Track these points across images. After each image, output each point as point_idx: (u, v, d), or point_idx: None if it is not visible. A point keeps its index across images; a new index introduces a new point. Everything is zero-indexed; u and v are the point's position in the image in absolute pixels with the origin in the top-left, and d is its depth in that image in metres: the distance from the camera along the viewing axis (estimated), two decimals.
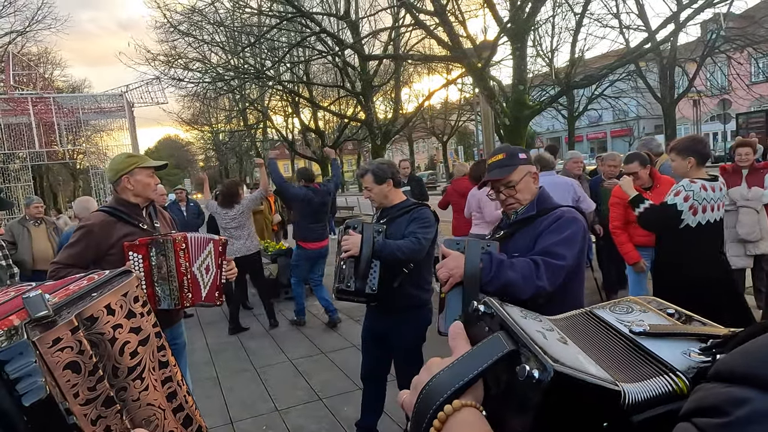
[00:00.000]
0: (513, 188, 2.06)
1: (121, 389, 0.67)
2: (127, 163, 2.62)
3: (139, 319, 0.73)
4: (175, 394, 0.77)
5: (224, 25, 14.36)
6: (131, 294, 0.74)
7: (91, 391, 0.61)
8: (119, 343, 0.69)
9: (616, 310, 0.84)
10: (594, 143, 37.03)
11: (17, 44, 20.30)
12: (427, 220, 2.77)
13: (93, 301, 0.68)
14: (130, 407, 0.68)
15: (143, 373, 0.71)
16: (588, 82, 11.39)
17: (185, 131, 33.61)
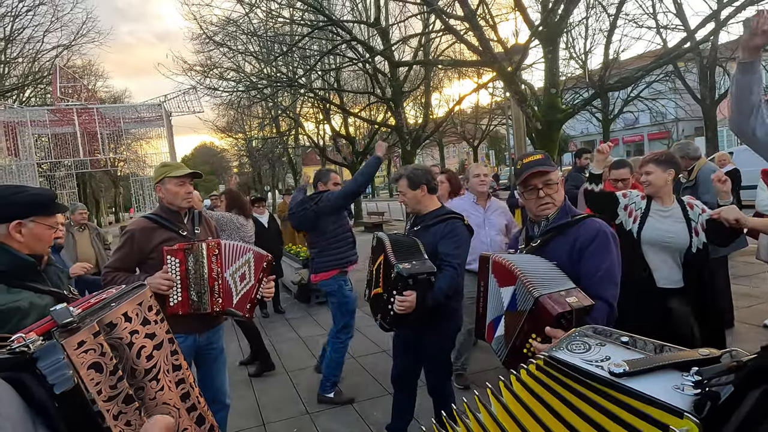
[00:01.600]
0: (553, 186, 2.06)
1: (139, 389, 0.74)
2: (159, 172, 2.75)
3: (153, 326, 0.80)
4: (188, 395, 0.84)
5: (258, 35, 14.71)
6: (146, 303, 0.81)
7: (113, 389, 0.67)
8: (136, 347, 0.76)
9: (575, 349, 0.84)
10: (630, 146, 36.06)
11: (63, 57, 21.30)
12: (458, 238, 2.73)
13: (112, 309, 0.74)
14: (147, 405, 0.75)
15: (158, 374, 0.78)
16: (623, 84, 11.14)
17: (220, 139, 34.53)
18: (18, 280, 1.65)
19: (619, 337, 0.83)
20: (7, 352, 0.62)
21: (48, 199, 1.80)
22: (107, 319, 0.72)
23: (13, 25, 19.41)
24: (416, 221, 2.92)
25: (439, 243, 2.70)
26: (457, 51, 18.39)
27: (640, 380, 0.69)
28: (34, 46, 20.44)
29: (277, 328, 6.33)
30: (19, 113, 13.66)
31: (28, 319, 1.55)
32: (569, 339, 0.87)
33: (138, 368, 0.74)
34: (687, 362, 0.69)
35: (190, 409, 0.82)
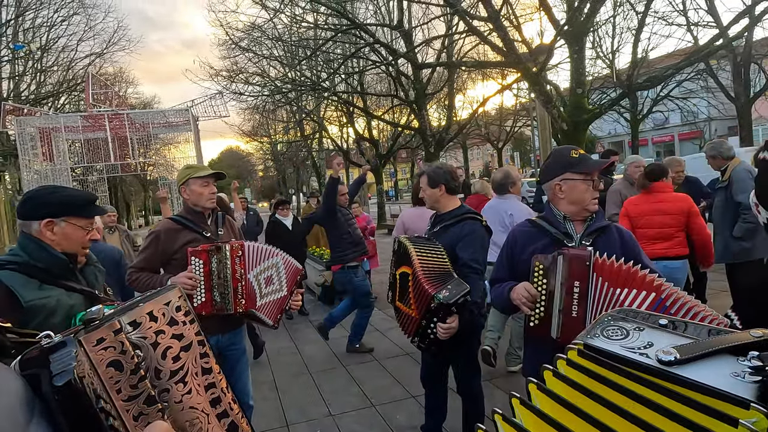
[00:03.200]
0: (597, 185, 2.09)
1: (163, 390, 0.72)
2: (183, 174, 2.81)
3: (181, 326, 0.78)
4: (219, 400, 0.80)
5: (282, 39, 14.89)
6: (173, 303, 0.79)
7: (133, 388, 0.66)
8: (161, 347, 0.74)
9: (612, 336, 0.77)
10: (660, 147, 35.12)
11: (96, 65, 21.98)
12: (476, 241, 2.70)
13: (137, 308, 0.73)
14: (172, 408, 0.72)
15: (186, 377, 0.76)
16: (652, 83, 10.84)
17: (245, 143, 35.00)
18: (52, 278, 1.69)
19: (657, 319, 0.76)
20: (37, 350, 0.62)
21: (84, 201, 1.83)
22: (130, 317, 0.70)
23: (48, 35, 20.15)
24: (436, 221, 2.91)
25: (458, 246, 2.67)
26: (481, 52, 18.24)
27: (693, 368, 0.63)
28: (69, 54, 21.17)
29: (301, 329, 6.37)
30: (54, 119, 14.13)
31: (54, 316, 1.58)
32: (602, 324, 0.80)
33: (163, 369, 0.72)
34: (742, 346, 0.63)
35: (221, 416, 0.79)
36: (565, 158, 2.08)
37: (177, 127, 15.79)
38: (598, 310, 1.74)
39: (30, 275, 1.65)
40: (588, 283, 1.76)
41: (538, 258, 1.92)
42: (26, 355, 0.62)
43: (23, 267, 1.65)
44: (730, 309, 1.35)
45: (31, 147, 13.62)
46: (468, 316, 2.50)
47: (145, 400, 0.66)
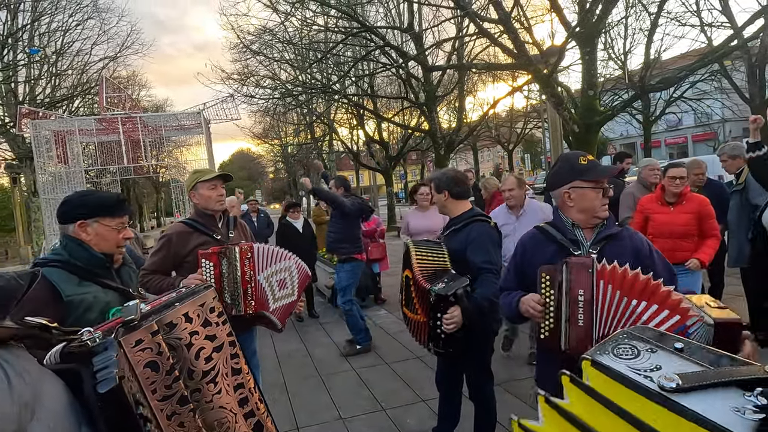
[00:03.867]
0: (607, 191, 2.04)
1: (195, 390, 0.72)
2: (191, 179, 2.85)
3: (214, 327, 0.79)
4: (247, 400, 0.81)
5: (293, 42, 14.96)
6: (208, 305, 0.79)
7: (168, 389, 0.67)
8: (195, 348, 0.74)
9: (622, 354, 0.76)
10: (673, 149, 34.75)
11: (109, 69, 22.25)
12: (485, 242, 2.69)
13: (173, 309, 0.73)
14: (203, 408, 0.73)
15: (217, 377, 0.76)
16: (665, 84, 10.75)
17: (257, 145, 35.26)
18: (90, 275, 1.82)
19: (674, 342, 0.75)
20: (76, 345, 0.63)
21: (112, 202, 1.96)
22: (167, 318, 0.72)
23: (63, 39, 20.44)
24: (447, 225, 2.94)
25: (468, 249, 2.67)
26: (491, 54, 18.20)
27: (695, 397, 0.62)
28: (83, 58, 21.43)
29: (312, 332, 6.38)
30: (69, 123, 14.33)
31: (91, 311, 1.69)
32: (615, 341, 0.79)
33: (196, 370, 0.73)
34: (750, 380, 0.62)
35: (248, 415, 0.81)
36: (574, 165, 2.04)
37: (189, 130, 15.94)
38: (609, 318, 1.69)
39: (70, 272, 1.78)
40: (592, 291, 1.72)
41: (543, 269, 1.89)
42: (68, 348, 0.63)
43: (64, 264, 1.78)
44: None
45: (46, 150, 13.82)
46: (474, 307, 2.48)
47: (178, 400, 0.68)
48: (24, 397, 0.51)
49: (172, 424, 0.66)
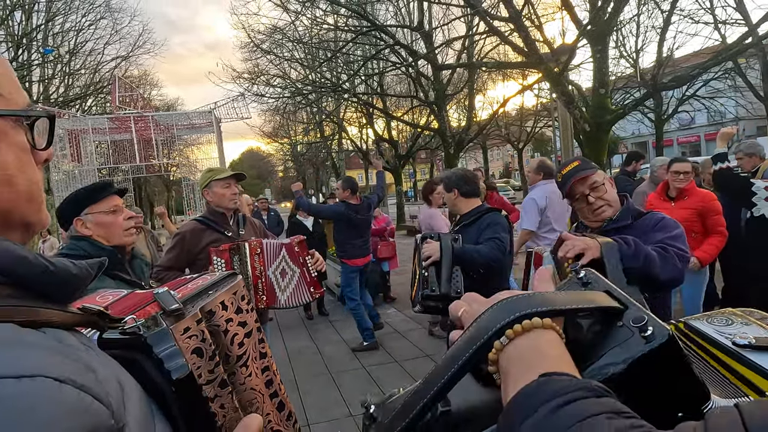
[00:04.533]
0: (600, 188, 1.98)
1: (231, 374, 0.79)
2: (205, 177, 2.91)
3: (245, 314, 0.84)
4: (272, 381, 0.89)
5: (303, 41, 15.03)
6: (239, 293, 0.85)
7: (211, 373, 0.72)
8: (230, 334, 0.80)
9: (714, 322, 0.82)
10: (686, 147, 34.41)
11: (121, 68, 22.48)
12: (499, 224, 2.79)
13: (211, 297, 0.79)
14: (237, 390, 0.79)
15: (248, 361, 0.82)
16: (678, 82, 10.64)
17: (267, 144, 35.42)
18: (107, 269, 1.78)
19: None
20: (120, 333, 0.65)
21: (93, 188, 1.94)
22: (208, 307, 0.76)
23: (76, 39, 20.70)
24: (458, 221, 3.02)
25: (481, 236, 2.76)
26: (501, 53, 18.13)
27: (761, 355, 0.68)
28: (95, 58, 21.71)
29: (321, 330, 6.42)
30: (82, 121, 14.50)
31: None
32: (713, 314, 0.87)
33: (231, 355, 0.78)
34: None
35: (273, 396, 0.87)
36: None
37: (200, 129, 16.06)
38: None
39: None
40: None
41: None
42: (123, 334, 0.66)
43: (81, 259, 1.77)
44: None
45: (60, 148, 13.99)
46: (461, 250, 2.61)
47: (219, 384, 0.72)
48: (114, 373, 0.52)
49: (214, 406, 0.72)
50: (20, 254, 0.51)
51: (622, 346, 0.50)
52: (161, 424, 0.61)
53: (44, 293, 0.54)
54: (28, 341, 0.46)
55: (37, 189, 0.59)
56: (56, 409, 0.41)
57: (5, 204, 0.55)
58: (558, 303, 0.53)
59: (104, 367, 0.51)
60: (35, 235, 0.47)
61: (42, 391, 0.41)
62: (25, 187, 0.57)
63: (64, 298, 0.58)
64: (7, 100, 0.56)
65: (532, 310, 0.51)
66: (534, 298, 0.53)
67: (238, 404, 0.76)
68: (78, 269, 0.59)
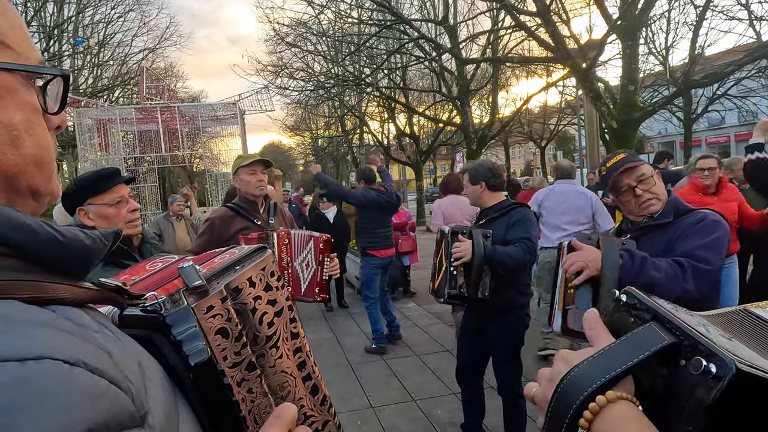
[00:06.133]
0: (649, 181, 1.90)
1: (260, 356, 0.73)
2: (234, 164, 2.94)
3: (275, 292, 0.78)
4: (305, 363, 0.82)
5: (327, 35, 15.03)
6: (269, 269, 0.79)
7: (237, 355, 0.67)
8: (258, 313, 0.74)
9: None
10: (715, 148, 33.45)
11: (149, 60, 22.82)
12: (530, 221, 2.74)
13: (237, 273, 0.73)
14: (267, 372, 0.73)
15: (278, 342, 0.76)
16: (709, 80, 10.35)
17: (288, 137, 35.65)
18: (112, 257, 1.71)
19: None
20: (140, 310, 0.62)
21: (97, 177, 1.84)
22: (233, 284, 0.71)
23: (105, 30, 21.08)
24: (481, 215, 2.96)
25: (509, 232, 2.71)
26: (526, 48, 17.86)
27: None
28: (123, 50, 22.08)
29: (341, 322, 6.44)
30: (110, 111, 14.78)
31: None
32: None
33: (260, 335, 0.73)
34: None
35: (306, 378, 0.81)
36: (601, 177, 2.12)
37: (224, 121, 16.23)
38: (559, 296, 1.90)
39: None
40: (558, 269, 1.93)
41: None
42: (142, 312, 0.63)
43: None
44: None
45: (89, 137, 14.28)
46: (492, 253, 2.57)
47: (246, 366, 0.68)
48: (134, 355, 0.49)
49: (241, 391, 0.67)
50: (23, 221, 0.46)
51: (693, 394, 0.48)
52: (184, 409, 0.57)
53: (53, 266, 0.49)
54: (33, 320, 0.41)
55: (47, 155, 0.54)
56: (68, 395, 0.36)
57: (11, 167, 0.50)
58: (615, 364, 0.52)
59: (122, 348, 0.47)
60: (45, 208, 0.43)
61: (50, 375, 0.36)
62: (33, 151, 0.52)
63: (77, 271, 0.52)
64: (18, 54, 0.51)
65: (594, 386, 0.51)
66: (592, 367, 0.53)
67: (268, 388, 0.71)
68: (91, 240, 0.54)
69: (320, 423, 0.82)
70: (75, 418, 0.36)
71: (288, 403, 0.68)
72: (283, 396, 0.75)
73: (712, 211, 1.89)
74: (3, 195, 0.50)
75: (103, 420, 0.38)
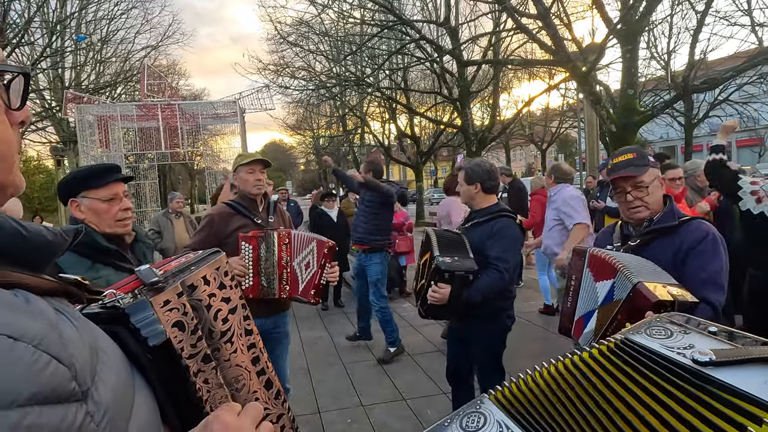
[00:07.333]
0: (643, 190, 1.93)
1: (215, 349, 0.78)
2: (234, 162, 2.97)
3: (228, 290, 0.83)
4: (258, 359, 0.87)
5: (329, 35, 15.05)
6: (222, 269, 0.85)
7: (193, 347, 0.71)
8: (213, 309, 0.79)
9: (654, 334, 0.78)
10: None
11: (151, 57, 22.85)
12: (507, 239, 2.68)
13: (192, 272, 0.78)
14: (222, 366, 0.78)
15: (233, 337, 0.81)
16: (710, 85, 10.35)
17: (290, 136, 35.69)
18: (102, 256, 1.74)
19: (707, 326, 0.77)
20: (99, 307, 0.66)
21: (94, 171, 1.82)
22: (189, 281, 0.75)
23: (108, 27, 21.07)
24: (470, 217, 2.93)
25: (488, 242, 2.66)
26: (528, 51, 17.89)
27: (729, 372, 0.64)
28: (126, 46, 22.06)
29: (336, 321, 6.46)
30: (111, 108, 14.83)
31: None
32: (649, 324, 0.81)
33: (215, 330, 0.77)
34: None
35: (260, 373, 0.86)
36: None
37: (224, 119, 16.26)
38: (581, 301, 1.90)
39: (81, 255, 1.69)
40: (581, 276, 1.90)
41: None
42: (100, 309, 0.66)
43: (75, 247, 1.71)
44: None
45: (90, 134, 14.32)
46: (466, 297, 2.53)
47: (202, 359, 0.71)
48: (88, 340, 0.51)
49: (197, 381, 0.70)
50: None
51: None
52: (143, 392, 0.60)
53: (17, 258, 0.51)
54: None
55: (7, 149, 0.56)
56: (5, 366, 0.39)
57: None
58: None
59: (76, 332, 0.49)
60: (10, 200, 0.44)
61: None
62: None
63: (39, 263, 0.55)
64: None
65: None
66: None
67: (224, 380, 0.75)
68: (53, 235, 0.57)
69: (275, 416, 0.86)
70: (8, 387, 0.39)
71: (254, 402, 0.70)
72: (238, 388, 0.79)
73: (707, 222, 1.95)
74: None
75: (40, 390, 0.41)
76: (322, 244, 2.73)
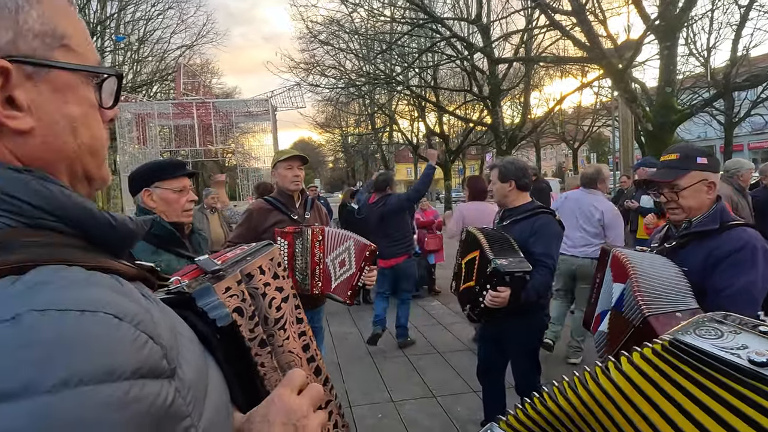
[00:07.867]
0: (676, 193, 1.88)
1: (269, 335, 0.83)
2: (274, 159, 3.05)
3: (281, 280, 0.88)
4: (309, 346, 0.92)
5: (359, 33, 15.14)
6: (275, 260, 0.89)
7: (251, 332, 0.76)
8: (268, 297, 0.84)
9: (704, 335, 0.76)
10: (757, 153, 32.15)
11: (186, 56, 23.40)
12: (550, 235, 2.68)
13: (249, 262, 0.83)
14: (276, 351, 0.83)
15: (285, 325, 0.86)
16: (752, 83, 9.99)
17: (318, 134, 36.05)
18: (164, 244, 1.92)
19: (758, 326, 0.75)
20: (165, 293, 0.71)
21: (167, 165, 2.04)
22: (246, 270, 0.80)
23: (146, 27, 21.70)
24: (504, 216, 2.90)
25: (531, 239, 2.66)
26: (561, 48, 17.59)
27: None
28: (162, 46, 22.66)
29: (366, 317, 6.50)
30: (148, 106, 15.28)
31: None
32: (697, 324, 0.79)
33: (270, 317, 0.82)
34: None
35: (310, 360, 0.91)
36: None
37: (256, 117, 16.55)
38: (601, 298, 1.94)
39: (147, 241, 1.87)
40: (604, 274, 1.94)
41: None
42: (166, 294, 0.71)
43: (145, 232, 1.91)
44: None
45: (128, 131, 14.78)
46: (524, 297, 2.51)
47: (259, 343, 0.76)
48: (169, 322, 0.55)
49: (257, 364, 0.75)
50: (87, 206, 0.55)
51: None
52: (213, 369, 0.65)
53: (106, 246, 0.57)
54: (95, 281, 0.49)
55: (100, 145, 0.61)
56: (113, 343, 0.44)
57: (69, 153, 0.57)
58: None
59: (160, 313, 0.54)
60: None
61: (101, 325, 0.44)
62: (88, 141, 0.59)
63: (122, 250, 0.61)
64: (80, 56, 0.59)
65: None
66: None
67: (278, 365, 0.80)
68: (135, 224, 0.62)
69: (323, 401, 0.90)
70: (116, 361, 0.44)
71: (297, 369, 0.75)
72: None
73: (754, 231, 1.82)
74: (65, 178, 0.58)
75: (140, 366, 0.45)
76: (364, 246, 2.75)
